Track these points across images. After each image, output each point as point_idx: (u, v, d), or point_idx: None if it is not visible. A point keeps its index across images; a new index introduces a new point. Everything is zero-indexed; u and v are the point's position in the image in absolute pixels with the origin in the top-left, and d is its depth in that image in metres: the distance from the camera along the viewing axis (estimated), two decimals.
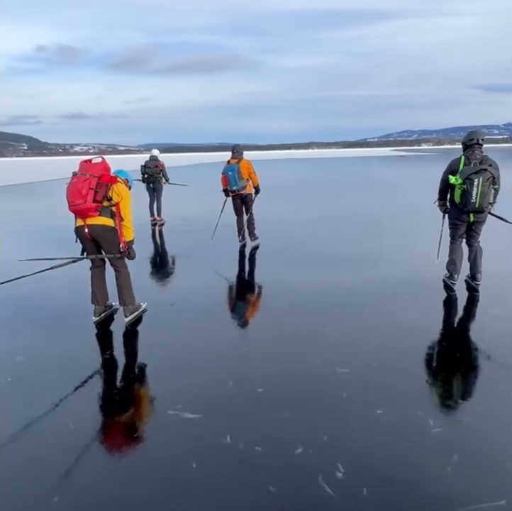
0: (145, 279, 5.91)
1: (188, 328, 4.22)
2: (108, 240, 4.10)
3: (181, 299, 5.08)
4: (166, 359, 3.59)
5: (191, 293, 5.24)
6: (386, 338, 3.86)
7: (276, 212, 10.95)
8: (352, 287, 5.26)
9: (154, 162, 9.97)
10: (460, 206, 4.66)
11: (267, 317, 4.53)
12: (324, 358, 3.49)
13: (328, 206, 12.62)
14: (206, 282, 5.72)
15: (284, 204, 13.03)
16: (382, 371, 3.28)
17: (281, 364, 3.44)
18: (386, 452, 2.43)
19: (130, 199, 4.18)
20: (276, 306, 4.75)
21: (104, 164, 4.06)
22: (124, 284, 4.28)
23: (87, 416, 2.85)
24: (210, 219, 8.16)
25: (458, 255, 4.97)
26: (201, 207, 11.82)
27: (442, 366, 3.53)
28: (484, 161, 4.54)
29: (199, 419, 2.74)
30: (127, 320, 4.28)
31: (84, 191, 3.84)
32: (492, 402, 2.91)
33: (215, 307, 4.82)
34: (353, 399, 2.93)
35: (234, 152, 7.18)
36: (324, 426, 2.64)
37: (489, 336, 3.92)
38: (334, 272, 5.97)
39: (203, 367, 3.44)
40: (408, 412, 2.76)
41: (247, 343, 3.98)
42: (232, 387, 3.14)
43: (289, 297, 4.97)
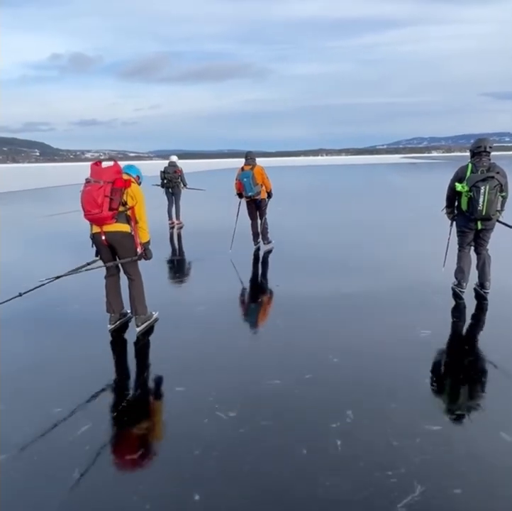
0: (160, 281, 5.98)
1: (200, 335, 4.20)
2: (126, 246, 4.10)
3: (193, 303, 5.09)
4: (177, 368, 3.56)
5: (203, 298, 5.28)
6: (394, 346, 3.86)
7: (289, 219, 11.00)
8: (362, 294, 5.25)
9: (173, 167, 10.38)
10: (467, 214, 4.64)
11: (277, 327, 4.51)
12: (341, 365, 3.52)
13: (343, 214, 12.60)
14: (220, 287, 5.79)
15: (296, 210, 13.06)
16: (393, 377, 3.29)
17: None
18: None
19: (144, 200, 4.13)
20: (284, 312, 4.81)
21: (117, 167, 3.98)
22: (137, 294, 4.24)
23: (99, 426, 2.81)
24: (226, 223, 8.35)
25: (466, 263, 4.93)
26: (217, 211, 12.01)
27: (450, 374, 3.51)
28: (492, 168, 4.52)
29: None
30: (138, 330, 4.23)
31: (99, 199, 3.77)
32: (497, 409, 2.90)
33: (227, 313, 4.85)
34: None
35: (247, 159, 7.39)
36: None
37: (498, 345, 3.88)
38: (345, 278, 5.96)
39: (215, 376, 3.40)
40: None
41: (256, 353, 3.88)
42: (239, 398, 3.13)
43: (299, 302, 5.02)
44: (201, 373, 3.45)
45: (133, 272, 4.26)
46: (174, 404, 3.05)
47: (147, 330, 4.30)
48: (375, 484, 2.23)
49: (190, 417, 2.86)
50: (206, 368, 3.53)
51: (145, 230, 4.14)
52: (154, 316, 4.48)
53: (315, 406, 2.94)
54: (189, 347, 3.97)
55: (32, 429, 2.74)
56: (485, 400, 3.08)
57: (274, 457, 2.45)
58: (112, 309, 4.31)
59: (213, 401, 3.00)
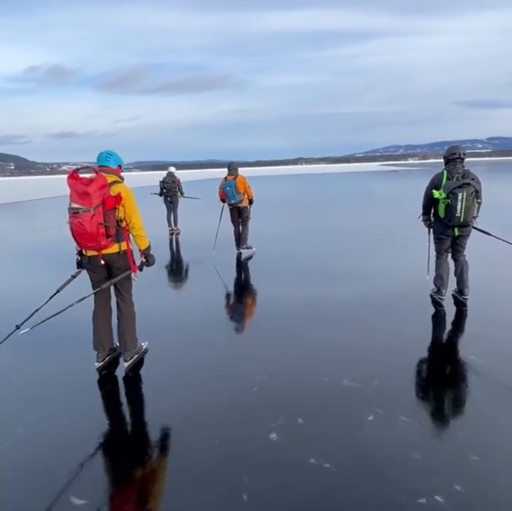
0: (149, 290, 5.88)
1: (193, 363, 3.84)
2: (123, 267, 3.60)
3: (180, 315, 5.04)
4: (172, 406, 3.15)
5: (191, 308, 5.40)
6: (375, 354, 3.80)
7: (269, 227, 11.08)
8: (342, 301, 5.25)
9: (171, 178, 11.20)
10: (445, 221, 4.65)
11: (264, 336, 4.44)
12: (331, 374, 3.47)
13: (331, 222, 12.62)
14: (207, 294, 5.95)
15: (276, 219, 13.11)
16: (381, 387, 3.21)
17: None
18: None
19: (136, 203, 3.58)
20: (267, 318, 4.77)
21: (102, 180, 3.33)
22: (128, 326, 3.75)
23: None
24: (212, 229, 8.65)
25: (445, 270, 4.94)
26: (207, 218, 12.05)
27: (430, 382, 3.47)
28: (466, 175, 4.55)
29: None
30: (126, 365, 3.75)
31: (94, 231, 3.27)
32: (478, 419, 2.88)
33: (214, 324, 4.75)
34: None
35: (230, 169, 7.91)
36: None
37: (478, 351, 3.85)
38: (325, 286, 5.95)
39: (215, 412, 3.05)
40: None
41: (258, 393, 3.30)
42: (231, 424, 3.01)
43: (277, 309, 5.08)
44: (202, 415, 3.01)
45: (127, 294, 3.75)
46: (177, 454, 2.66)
47: (136, 363, 3.85)
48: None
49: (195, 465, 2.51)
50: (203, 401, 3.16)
51: (143, 236, 3.66)
52: (144, 347, 4.03)
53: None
54: (184, 380, 3.54)
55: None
56: (465, 407, 3.08)
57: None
58: (102, 345, 3.75)
59: (219, 444, 2.68)
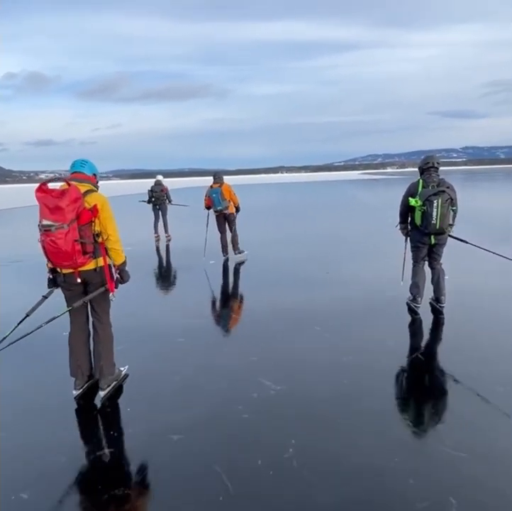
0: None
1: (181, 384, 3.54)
2: (100, 284, 3.27)
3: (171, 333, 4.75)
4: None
5: (177, 317, 5.29)
6: (350, 365, 3.73)
7: (254, 234, 11.10)
8: (320, 310, 5.19)
9: (160, 186, 11.36)
10: (421, 228, 4.65)
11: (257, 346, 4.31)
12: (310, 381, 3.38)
13: (314, 230, 12.61)
14: (193, 302, 5.90)
15: (261, 227, 13.16)
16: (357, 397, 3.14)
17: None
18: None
19: (112, 214, 3.23)
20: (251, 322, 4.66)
21: (75, 193, 2.97)
22: (104, 349, 3.39)
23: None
24: (200, 236, 8.88)
25: (421, 278, 4.93)
26: (194, 225, 12.02)
27: (407, 390, 3.44)
28: (441, 183, 4.57)
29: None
30: (103, 394, 3.34)
31: (69, 249, 2.95)
32: (455, 427, 2.86)
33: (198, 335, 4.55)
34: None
35: (216, 178, 8.20)
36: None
37: (455, 359, 3.85)
38: (304, 292, 5.92)
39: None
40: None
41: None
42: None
43: (262, 314, 5.08)
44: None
45: (104, 314, 3.42)
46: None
47: (115, 390, 3.46)
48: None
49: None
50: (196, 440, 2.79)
51: (119, 250, 3.29)
52: (122, 372, 3.65)
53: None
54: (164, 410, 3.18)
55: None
56: (442, 415, 3.04)
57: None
58: (81, 371, 3.39)
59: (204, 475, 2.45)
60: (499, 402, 3.12)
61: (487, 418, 2.93)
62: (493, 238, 9.43)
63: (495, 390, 3.26)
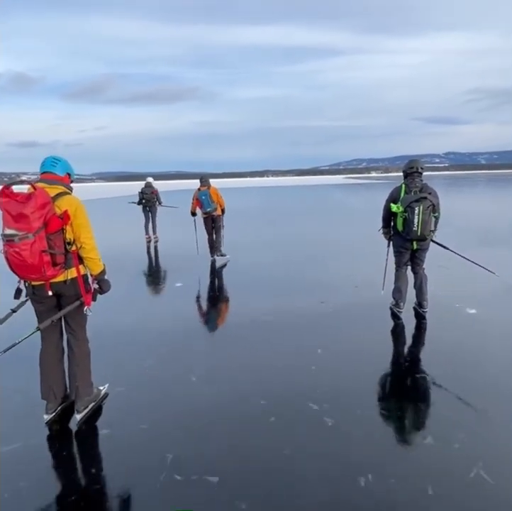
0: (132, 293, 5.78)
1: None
2: (73, 297, 2.97)
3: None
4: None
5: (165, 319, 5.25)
6: (333, 371, 3.70)
7: (240, 237, 11.21)
8: (303, 313, 5.17)
9: (150, 188, 11.66)
10: (403, 234, 4.67)
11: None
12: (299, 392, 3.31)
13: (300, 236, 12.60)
14: (178, 305, 5.93)
15: (247, 230, 13.16)
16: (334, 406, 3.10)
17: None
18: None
19: (86, 216, 2.90)
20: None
21: (42, 196, 2.63)
22: (80, 369, 3.07)
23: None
24: (188, 237, 9.25)
25: (403, 283, 4.94)
26: (182, 227, 11.98)
27: (390, 396, 3.41)
28: (424, 189, 4.59)
29: None
30: (79, 417, 3.03)
31: (35, 261, 2.63)
32: (438, 430, 2.85)
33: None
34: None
35: (203, 181, 8.41)
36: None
37: (437, 364, 3.85)
38: (287, 296, 5.90)
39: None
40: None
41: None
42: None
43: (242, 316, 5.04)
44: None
45: (80, 330, 3.10)
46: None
47: (93, 412, 3.15)
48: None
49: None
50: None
51: (95, 259, 2.97)
52: (102, 392, 3.33)
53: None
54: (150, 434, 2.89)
55: None
56: (425, 421, 3.02)
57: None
58: (53, 393, 3.06)
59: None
60: (482, 405, 3.13)
61: (468, 426, 2.92)
62: (481, 241, 9.58)
63: (476, 393, 3.28)
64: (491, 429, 2.87)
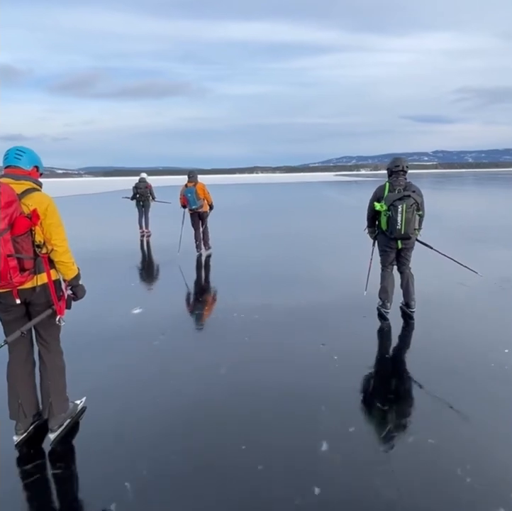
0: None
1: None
2: (44, 305, 2.68)
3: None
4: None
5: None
6: (316, 373, 3.63)
7: (229, 234, 11.24)
8: (287, 311, 5.10)
9: (144, 183, 11.92)
10: (387, 233, 4.59)
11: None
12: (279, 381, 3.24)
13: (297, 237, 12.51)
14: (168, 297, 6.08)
15: (236, 226, 13.11)
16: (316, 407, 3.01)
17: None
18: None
19: (57, 215, 2.61)
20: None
21: (6, 194, 2.37)
22: (53, 384, 2.79)
23: None
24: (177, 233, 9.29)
25: (390, 283, 4.86)
26: (173, 222, 11.94)
27: (376, 397, 3.34)
28: (408, 187, 4.51)
29: None
30: (53, 437, 2.75)
31: (0, 267, 2.37)
32: (426, 431, 2.83)
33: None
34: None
35: (190, 177, 8.52)
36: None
37: (424, 365, 3.80)
38: (273, 294, 5.82)
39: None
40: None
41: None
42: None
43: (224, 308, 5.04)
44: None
45: (53, 341, 2.81)
46: None
47: (69, 429, 2.87)
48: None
49: None
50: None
51: (69, 262, 2.67)
52: (79, 406, 3.06)
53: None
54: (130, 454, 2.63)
55: None
56: (412, 422, 2.98)
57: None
58: (23, 412, 2.77)
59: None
60: (466, 406, 3.11)
61: (451, 425, 2.88)
62: (469, 239, 9.58)
63: (462, 394, 3.25)
64: (473, 429, 2.84)
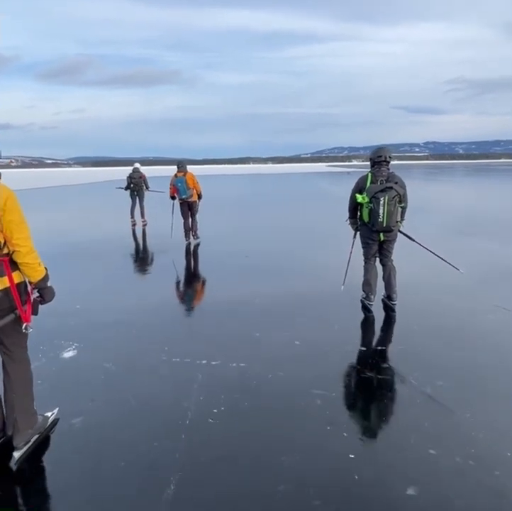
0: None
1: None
2: (7, 311, 2.35)
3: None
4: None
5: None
6: (299, 365, 3.59)
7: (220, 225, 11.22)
8: (274, 302, 5.07)
9: (138, 173, 12.08)
10: (369, 225, 4.53)
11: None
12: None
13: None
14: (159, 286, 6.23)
15: (229, 218, 13.01)
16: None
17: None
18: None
19: (19, 210, 2.27)
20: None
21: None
22: (19, 397, 2.49)
23: None
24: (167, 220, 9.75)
25: (372, 275, 4.81)
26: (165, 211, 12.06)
27: (359, 389, 3.33)
28: (391, 178, 4.43)
29: None
30: (17, 456, 2.44)
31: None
32: (407, 425, 2.82)
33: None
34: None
35: (179, 167, 8.68)
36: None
37: (406, 358, 3.77)
38: (259, 283, 5.77)
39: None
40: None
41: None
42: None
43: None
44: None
45: (19, 350, 2.51)
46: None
47: (38, 446, 2.57)
48: None
49: None
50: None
51: (34, 263, 2.34)
52: (49, 419, 2.75)
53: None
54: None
55: None
56: (393, 414, 2.97)
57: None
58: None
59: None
60: (445, 398, 3.10)
61: (431, 417, 2.88)
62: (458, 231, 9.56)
63: (442, 387, 3.23)
64: (454, 420, 2.84)
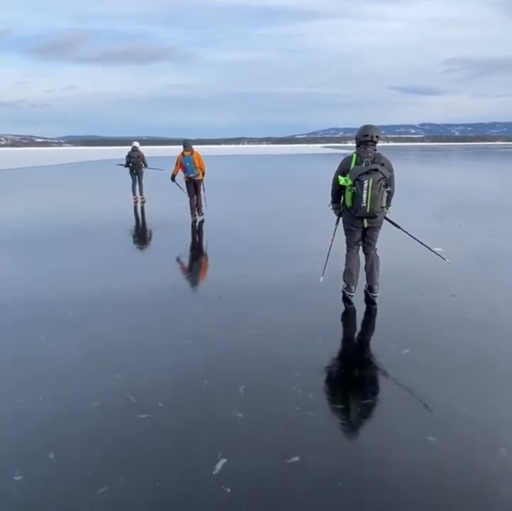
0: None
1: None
2: None
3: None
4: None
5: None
6: (276, 358, 3.40)
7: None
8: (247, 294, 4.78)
9: (136, 152, 12.56)
10: (352, 211, 4.16)
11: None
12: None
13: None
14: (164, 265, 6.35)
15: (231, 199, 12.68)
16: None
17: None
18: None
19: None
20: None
21: None
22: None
23: None
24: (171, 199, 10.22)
25: (355, 264, 4.46)
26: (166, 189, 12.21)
27: (338, 385, 3.21)
28: (377, 159, 4.04)
29: None
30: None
31: None
32: (388, 420, 2.72)
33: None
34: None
35: (186, 146, 9.01)
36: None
37: (385, 353, 3.57)
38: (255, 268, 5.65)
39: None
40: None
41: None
42: None
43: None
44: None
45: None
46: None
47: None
48: None
49: None
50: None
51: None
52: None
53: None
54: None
55: None
56: (374, 410, 2.86)
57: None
58: None
59: None
60: (422, 393, 2.99)
61: (408, 407, 2.82)
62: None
63: (420, 380, 3.12)
64: (437, 406, 2.79)
